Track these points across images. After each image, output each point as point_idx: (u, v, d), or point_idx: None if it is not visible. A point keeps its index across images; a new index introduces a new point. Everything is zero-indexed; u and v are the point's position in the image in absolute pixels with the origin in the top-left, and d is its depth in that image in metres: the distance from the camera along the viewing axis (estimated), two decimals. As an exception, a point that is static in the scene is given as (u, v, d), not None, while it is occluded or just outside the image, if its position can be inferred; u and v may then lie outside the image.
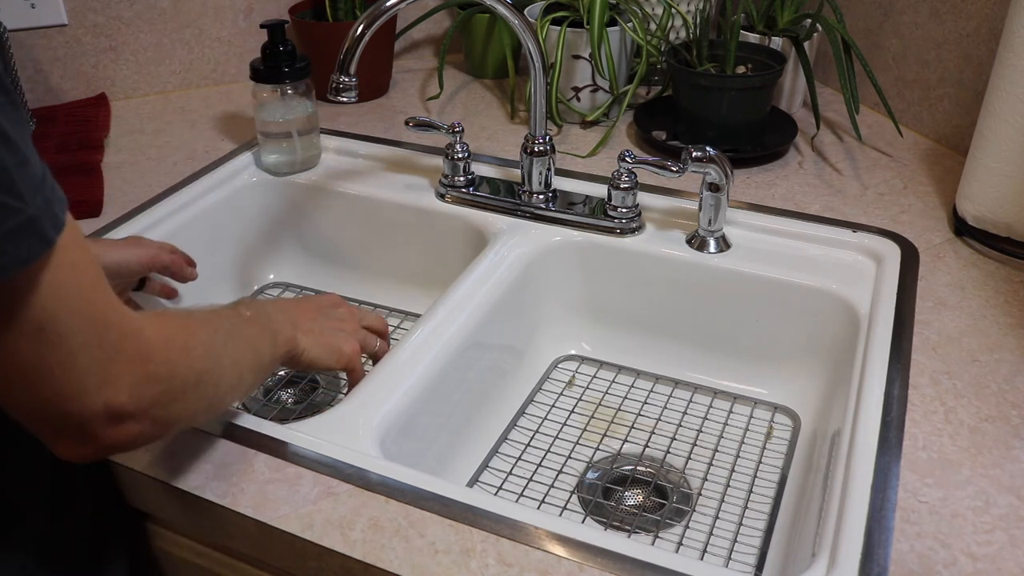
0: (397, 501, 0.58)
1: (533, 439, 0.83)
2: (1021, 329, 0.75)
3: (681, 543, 0.72)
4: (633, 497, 0.78)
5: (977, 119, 0.84)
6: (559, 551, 0.55)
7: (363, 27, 0.78)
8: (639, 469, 0.80)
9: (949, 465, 0.61)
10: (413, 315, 0.99)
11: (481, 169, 0.99)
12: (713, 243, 0.86)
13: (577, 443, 0.83)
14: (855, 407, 0.66)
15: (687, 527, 0.74)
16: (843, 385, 0.74)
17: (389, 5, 0.79)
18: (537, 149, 0.90)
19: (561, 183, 0.95)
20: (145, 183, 0.98)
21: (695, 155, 0.81)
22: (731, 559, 0.71)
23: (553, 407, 0.87)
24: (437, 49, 1.36)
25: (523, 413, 0.86)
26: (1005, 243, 0.84)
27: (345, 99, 0.80)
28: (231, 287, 1.01)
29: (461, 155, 0.94)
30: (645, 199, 0.91)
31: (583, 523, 0.74)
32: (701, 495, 0.77)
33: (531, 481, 0.78)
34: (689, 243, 0.87)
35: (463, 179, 0.95)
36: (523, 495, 0.77)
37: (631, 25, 1.08)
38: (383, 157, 1.04)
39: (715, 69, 1.03)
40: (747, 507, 0.75)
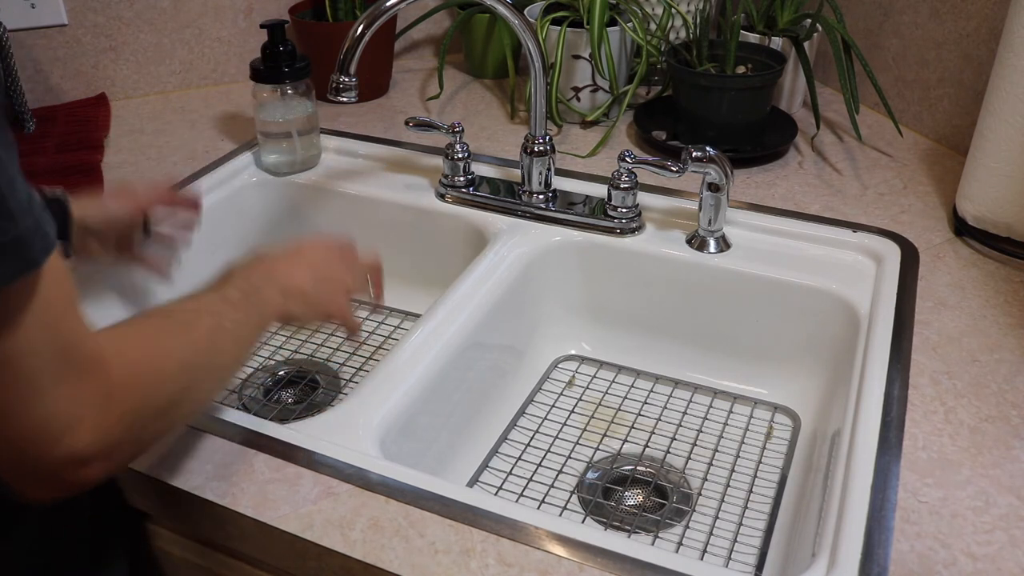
0: (397, 501, 0.58)
1: (533, 439, 0.83)
2: (1021, 329, 0.75)
3: (681, 543, 0.72)
4: (633, 497, 0.78)
5: (977, 119, 0.84)
6: (559, 551, 0.55)
7: (363, 27, 0.78)
8: (639, 469, 0.80)
9: (949, 465, 0.61)
10: (413, 315, 0.99)
11: (481, 169, 0.99)
12: (713, 243, 0.86)
13: (577, 443, 0.83)
14: (855, 407, 0.66)
15: (687, 527, 0.74)
16: (843, 385, 0.74)
17: (389, 5, 0.79)
18: (537, 149, 0.90)
19: (561, 183, 0.95)
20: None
21: (695, 155, 0.81)
22: (731, 559, 0.71)
23: (553, 407, 0.87)
24: (437, 49, 1.36)
25: (523, 413, 0.86)
26: (1005, 243, 0.84)
27: (345, 99, 0.80)
28: (231, 287, 1.01)
29: (461, 155, 0.94)
30: (645, 199, 0.91)
31: (583, 523, 0.74)
32: (701, 495, 0.77)
33: (531, 481, 0.78)
34: (689, 243, 0.87)
35: (463, 179, 0.95)
36: (523, 495, 0.77)
37: (631, 25, 1.08)
38: (383, 157, 1.04)
39: (715, 69, 1.03)
40: (747, 507, 0.75)
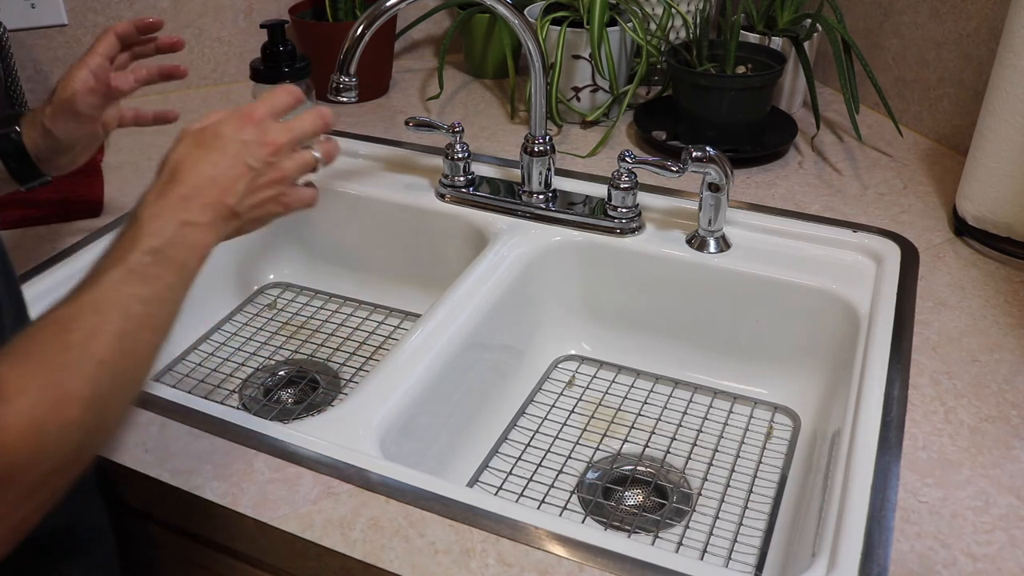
0: (397, 501, 0.58)
1: (533, 439, 0.83)
2: (1021, 329, 0.75)
3: (681, 543, 0.72)
4: (633, 497, 0.78)
5: (977, 119, 0.84)
6: (559, 551, 0.55)
7: (363, 27, 0.78)
8: (639, 469, 0.80)
9: (949, 465, 0.61)
10: (413, 315, 0.99)
11: (481, 169, 0.99)
12: (713, 243, 0.86)
13: (577, 443, 0.83)
14: (855, 407, 0.66)
15: (687, 527, 0.74)
16: (843, 385, 0.74)
17: (389, 5, 0.79)
18: (537, 149, 0.90)
19: (561, 183, 0.95)
20: (145, 183, 0.96)
21: (695, 155, 0.81)
22: (731, 559, 0.71)
23: (553, 407, 0.87)
24: (437, 49, 1.36)
25: (523, 413, 0.86)
26: (1005, 243, 0.84)
27: (345, 99, 0.80)
28: (231, 287, 1.01)
29: (461, 155, 0.94)
30: (645, 199, 0.91)
31: (583, 523, 0.74)
32: (701, 495, 0.77)
33: (531, 481, 0.78)
34: (689, 243, 0.87)
35: (463, 179, 0.95)
36: (523, 495, 0.77)
37: (631, 25, 1.08)
38: (383, 157, 1.04)
39: (715, 69, 1.03)
40: (747, 507, 0.75)
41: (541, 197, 0.92)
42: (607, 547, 0.55)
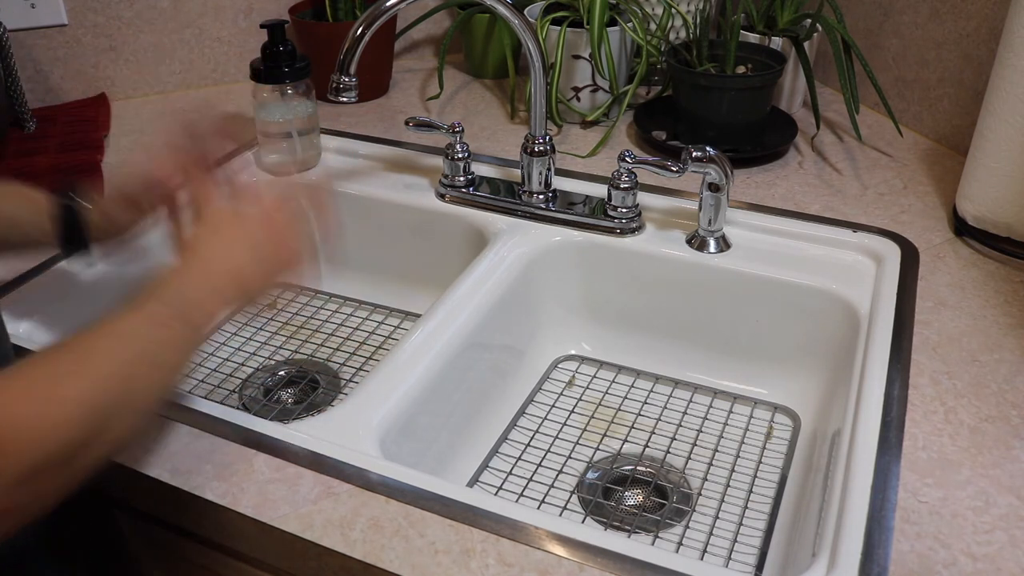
0: (397, 501, 0.58)
1: (533, 439, 0.83)
2: (1021, 329, 0.75)
3: (681, 543, 0.72)
4: (633, 497, 0.78)
5: (977, 119, 0.84)
6: (559, 551, 0.55)
7: (363, 27, 0.78)
8: (639, 469, 0.80)
9: (949, 465, 0.61)
10: (413, 315, 0.99)
11: (481, 169, 0.99)
12: (713, 243, 0.86)
13: (577, 443, 0.83)
14: (855, 407, 0.66)
15: (687, 527, 0.74)
16: (843, 385, 0.74)
17: (389, 5, 0.79)
18: (537, 149, 0.90)
19: (561, 183, 0.95)
20: None
21: (695, 155, 0.81)
22: (731, 559, 0.71)
23: (553, 407, 0.87)
24: (437, 49, 1.36)
25: (523, 413, 0.86)
26: (1005, 243, 0.84)
27: (345, 99, 0.80)
28: (231, 287, 1.01)
29: (461, 155, 0.94)
30: (645, 199, 0.91)
31: (583, 523, 0.74)
32: (701, 495, 0.77)
33: (531, 481, 0.78)
34: (689, 243, 0.87)
35: (463, 179, 0.95)
36: (523, 495, 0.77)
37: (631, 25, 1.08)
38: (383, 157, 1.04)
39: (715, 69, 1.03)
40: (747, 507, 0.75)
41: (541, 197, 0.92)
42: (607, 547, 0.55)
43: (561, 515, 0.75)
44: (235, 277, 0.60)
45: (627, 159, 0.86)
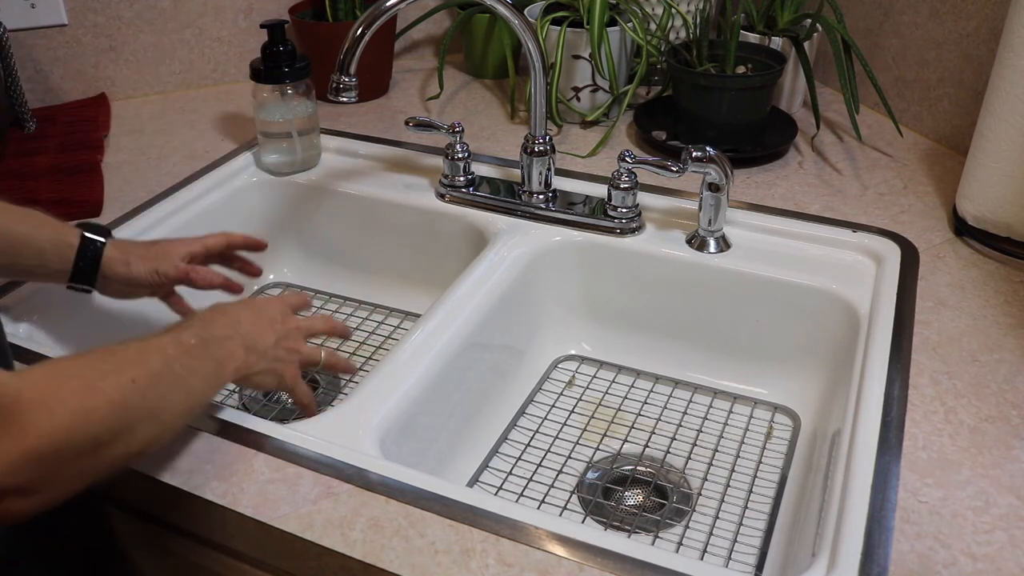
0: (397, 501, 0.58)
1: (533, 439, 0.83)
2: (1021, 329, 0.75)
3: (681, 543, 0.72)
4: (633, 497, 0.78)
5: (977, 119, 0.84)
6: (559, 551, 0.55)
7: (363, 27, 0.78)
8: (639, 469, 0.80)
9: (949, 465, 0.61)
10: (413, 315, 0.99)
11: (481, 169, 0.99)
12: (713, 243, 0.86)
13: (577, 443, 0.83)
14: (855, 407, 0.66)
15: (687, 527, 0.74)
16: (843, 385, 0.74)
17: (389, 5, 0.79)
18: (537, 149, 0.90)
19: (561, 183, 0.95)
20: (145, 183, 0.98)
21: (695, 155, 0.81)
22: (731, 559, 0.71)
23: (553, 407, 0.87)
24: (437, 49, 1.36)
25: (523, 413, 0.86)
26: (1005, 243, 0.84)
27: (345, 99, 0.80)
28: (231, 287, 1.01)
29: (461, 155, 0.94)
30: (645, 199, 0.91)
31: (583, 523, 0.74)
32: (701, 495, 0.77)
33: (531, 481, 0.78)
34: (689, 243, 0.87)
35: (463, 179, 0.95)
36: (523, 495, 0.77)
37: (631, 25, 1.08)
38: (383, 157, 1.04)
39: (715, 69, 1.03)
40: (747, 507, 0.75)
41: (541, 197, 0.92)
42: (607, 547, 0.55)
43: (561, 515, 0.75)
44: (256, 346, 0.64)
45: (627, 159, 0.86)
